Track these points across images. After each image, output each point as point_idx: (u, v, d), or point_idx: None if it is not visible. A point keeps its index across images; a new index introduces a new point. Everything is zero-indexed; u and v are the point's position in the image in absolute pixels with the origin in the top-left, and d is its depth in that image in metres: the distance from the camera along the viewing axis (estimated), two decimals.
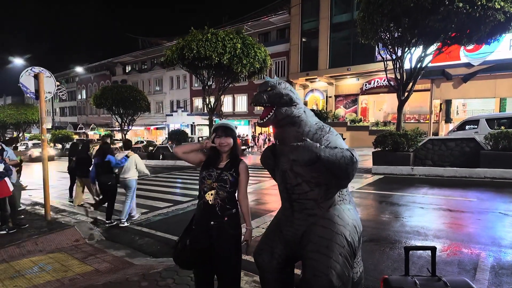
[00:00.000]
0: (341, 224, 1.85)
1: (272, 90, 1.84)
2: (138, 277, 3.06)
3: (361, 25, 10.48)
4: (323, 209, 1.91)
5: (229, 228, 2.07)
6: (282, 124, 1.87)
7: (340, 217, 1.89)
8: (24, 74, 5.21)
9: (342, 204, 1.97)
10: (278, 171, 2.01)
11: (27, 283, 3.19)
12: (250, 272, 3.08)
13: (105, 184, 5.43)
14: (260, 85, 1.90)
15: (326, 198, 1.91)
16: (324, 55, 22.24)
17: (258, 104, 1.83)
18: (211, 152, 2.19)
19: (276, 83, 1.88)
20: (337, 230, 1.82)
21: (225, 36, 12.57)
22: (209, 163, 2.16)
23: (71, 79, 48.31)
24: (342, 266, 1.73)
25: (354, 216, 1.98)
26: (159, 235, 4.76)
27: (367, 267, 3.27)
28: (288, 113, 1.84)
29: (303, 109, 1.93)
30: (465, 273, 3.14)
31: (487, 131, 9.98)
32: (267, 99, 1.82)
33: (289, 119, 1.85)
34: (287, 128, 1.88)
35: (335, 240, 1.79)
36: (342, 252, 1.77)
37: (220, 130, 2.14)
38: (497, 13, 8.24)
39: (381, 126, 19.77)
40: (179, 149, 2.20)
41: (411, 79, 10.51)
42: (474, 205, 5.85)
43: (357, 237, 1.91)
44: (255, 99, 1.85)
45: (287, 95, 1.84)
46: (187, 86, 33.41)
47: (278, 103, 1.82)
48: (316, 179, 1.85)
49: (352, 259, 1.84)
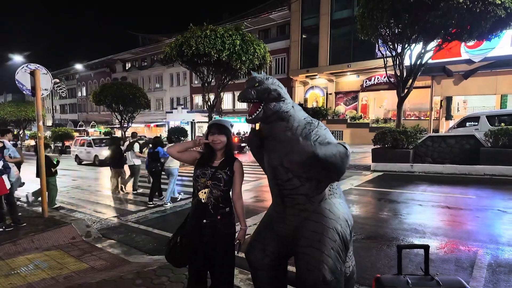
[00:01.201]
0: (333, 218, 1.86)
1: (260, 86, 1.80)
2: (133, 275, 3.05)
3: (361, 21, 10.41)
4: (315, 203, 1.90)
5: (222, 226, 2.05)
6: (271, 119, 1.84)
7: (332, 211, 1.89)
8: (20, 71, 5.16)
9: (333, 198, 1.97)
10: (268, 168, 1.98)
11: (22, 280, 3.18)
12: (245, 269, 3.06)
13: (151, 170, 6.76)
14: (247, 81, 1.87)
15: (317, 192, 1.90)
16: (324, 51, 22.14)
17: (246, 100, 1.80)
18: (205, 150, 2.17)
19: (263, 78, 1.84)
20: (329, 224, 1.82)
21: (224, 33, 12.48)
22: (204, 161, 2.13)
23: (71, 76, 48.27)
24: (334, 260, 1.74)
25: (345, 210, 1.98)
26: (156, 233, 4.75)
27: (364, 265, 3.26)
28: (277, 109, 1.81)
29: (291, 104, 1.90)
30: (462, 270, 3.12)
31: (488, 127, 9.93)
32: (255, 94, 1.78)
33: (278, 115, 1.82)
34: (276, 124, 1.85)
35: (327, 234, 1.79)
36: (334, 246, 1.77)
37: (214, 127, 2.12)
38: (498, 9, 8.16)
39: (381, 123, 19.71)
40: (173, 148, 2.16)
41: (411, 75, 10.44)
42: (473, 202, 5.83)
43: (349, 230, 1.91)
44: (243, 95, 1.81)
45: (275, 90, 1.81)
46: (187, 83, 33.34)
47: (266, 99, 1.79)
48: (307, 173, 1.83)
49: (344, 253, 1.84)
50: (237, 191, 2.14)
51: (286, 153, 1.85)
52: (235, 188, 2.13)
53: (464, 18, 8.53)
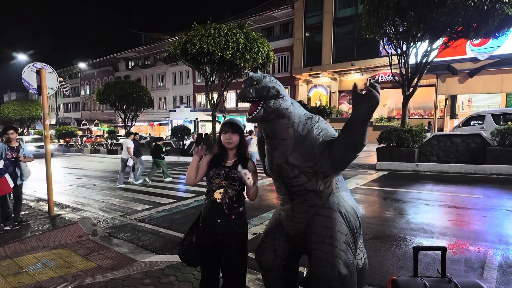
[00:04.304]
0: (342, 211, 1.88)
1: (258, 84, 1.79)
2: (141, 274, 3.05)
3: (366, 19, 10.34)
4: (323, 198, 1.91)
5: (236, 226, 2.05)
6: (272, 117, 1.82)
7: (340, 204, 1.90)
8: (26, 70, 5.18)
9: (340, 191, 1.98)
10: (273, 166, 1.96)
11: (30, 279, 3.19)
12: (254, 270, 3.05)
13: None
14: (244, 81, 1.86)
15: (325, 186, 1.91)
16: (327, 50, 22.05)
17: (246, 99, 1.79)
18: (217, 150, 2.15)
19: (261, 76, 1.84)
20: (339, 218, 1.84)
21: (228, 31, 12.45)
22: (216, 162, 2.12)
23: (74, 75, 48.44)
24: (347, 254, 1.76)
25: (353, 202, 2.00)
26: (162, 232, 4.74)
27: (372, 264, 3.23)
28: (277, 106, 1.80)
29: (290, 100, 1.90)
30: (472, 271, 3.09)
31: (493, 126, 9.85)
32: (254, 93, 1.77)
33: (278, 112, 1.81)
34: (277, 121, 1.84)
35: (338, 228, 1.80)
36: (346, 240, 1.79)
37: (227, 126, 2.10)
38: (505, 6, 8.09)
39: (385, 121, 19.64)
40: (189, 179, 2.12)
41: (416, 74, 10.38)
42: (480, 202, 5.77)
43: (358, 222, 1.93)
44: (242, 94, 1.80)
45: (273, 88, 1.80)
46: (190, 82, 33.35)
47: (265, 97, 1.78)
48: (312, 168, 1.83)
49: (355, 245, 1.86)
50: (253, 190, 2.05)
51: (290, 150, 1.84)
52: (250, 188, 2.04)
53: (471, 15, 8.45)
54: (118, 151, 18.30)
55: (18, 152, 4.75)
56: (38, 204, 6.40)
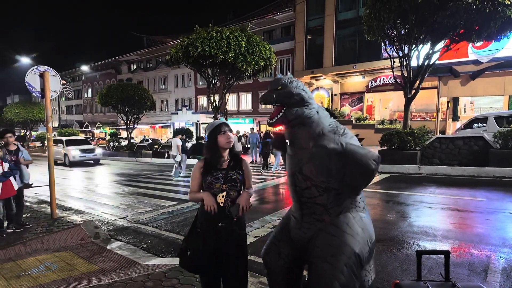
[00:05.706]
0: (350, 233, 1.76)
1: (283, 89, 1.76)
2: (143, 277, 3.05)
3: (368, 22, 10.36)
4: (332, 215, 1.83)
5: (237, 227, 2.06)
6: (293, 124, 1.79)
7: (350, 225, 1.79)
8: (29, 73, 5.22)
9: (354, 212, 1.86)
10: (288, 173, 1.96)
11: (33, 282, 3.20)
12: (256, 272, 3.04)
13: (263, 153, 11.10)
14: (270, 83, 1.82)
15: (336, 204, 1.82)
16: (329, 52, 22.05)
17: (267, 103, 1.78)
18: (209, 155, 2.11)
19: (287, 81, 1.79)
20: (345, 240, 1.73)
21: (230, 34, 12.49)
22: (210, 167, 2.08)
23: (77, 77, 48.66)
24: (347, 278, 1.66)
25: (366, 226, 1.86)
26: (164, 234, 4.74)
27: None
28: (299, 114, 1.76)
29: (315, 109, 1.84)
30: (476, 275, 3.07)
31: (496, 129, 9.81)
32: (276, 98, 1.75)
33: (300, 120, 1.77)
34: (298, 129, 1.80)
35: (342, 250, 1.71)
36: (348, 263, 1.68)
37: (223, 126, 2.09)
38: (507, 9, 8.09)
39: (387, 124, 19.56)
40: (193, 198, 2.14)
41: (418, 76, 10.37)
42: (483, 204, 5.75)
43: (368, 248, 1.80)
44: (264, 97, 1.79)
45: (298, 95, 1.76)
46: (192, 85, 33.42)
47: (288, 103, 1.75)
48: (325, 183, 1.78)
49: (359, 270, 1.76)
50: (248, 185, 2.17)
51: (305, 161, 1.80)
52: (247, 183, 2.17)
53: (473, 18, 8.46)
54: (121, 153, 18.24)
55: (17, 155, 4.78)
56: (41, 206, 6.42)
